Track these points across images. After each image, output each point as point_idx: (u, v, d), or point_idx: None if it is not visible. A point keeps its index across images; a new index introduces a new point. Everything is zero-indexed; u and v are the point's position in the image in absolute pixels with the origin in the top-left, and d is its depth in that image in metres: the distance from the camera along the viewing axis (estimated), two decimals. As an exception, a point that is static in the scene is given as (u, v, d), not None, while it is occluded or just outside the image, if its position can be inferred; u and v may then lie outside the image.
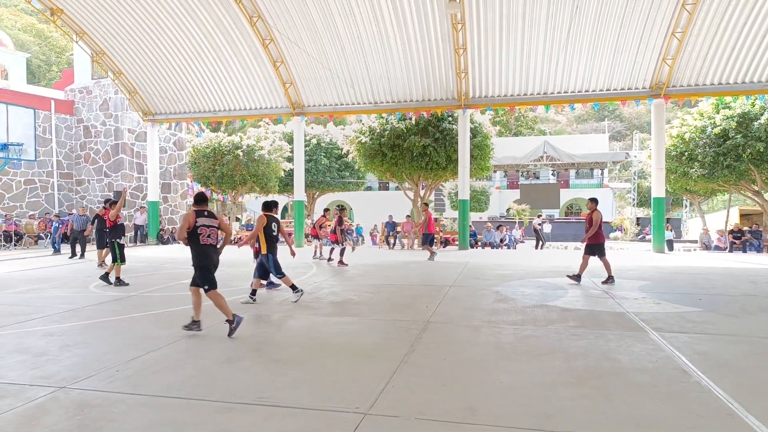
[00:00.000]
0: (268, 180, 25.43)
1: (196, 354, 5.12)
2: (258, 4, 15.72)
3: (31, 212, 20.60)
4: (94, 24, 17.52)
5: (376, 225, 25.64)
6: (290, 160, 24.99)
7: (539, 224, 22.91)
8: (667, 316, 6.68)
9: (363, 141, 20.74)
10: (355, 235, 23.84)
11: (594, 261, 9.63)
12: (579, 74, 16.54)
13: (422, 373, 4.50)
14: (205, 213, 5.94)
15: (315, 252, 14.27)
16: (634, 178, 40.61)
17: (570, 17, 14.80)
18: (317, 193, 32.53)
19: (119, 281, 9.43)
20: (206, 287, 5.82)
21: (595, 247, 9.47)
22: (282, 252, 7.92)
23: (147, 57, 18.55)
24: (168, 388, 4.15)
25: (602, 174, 43.63)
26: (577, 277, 9.60)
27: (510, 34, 15.57)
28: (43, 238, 19.48)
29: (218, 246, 6.03)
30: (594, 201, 9.79)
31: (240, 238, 11.72)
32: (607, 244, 10.66)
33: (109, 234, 9.96)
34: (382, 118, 20.33)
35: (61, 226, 17.08)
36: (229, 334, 5.70)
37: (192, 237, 5.81)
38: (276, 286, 8.95)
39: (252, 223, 24.03)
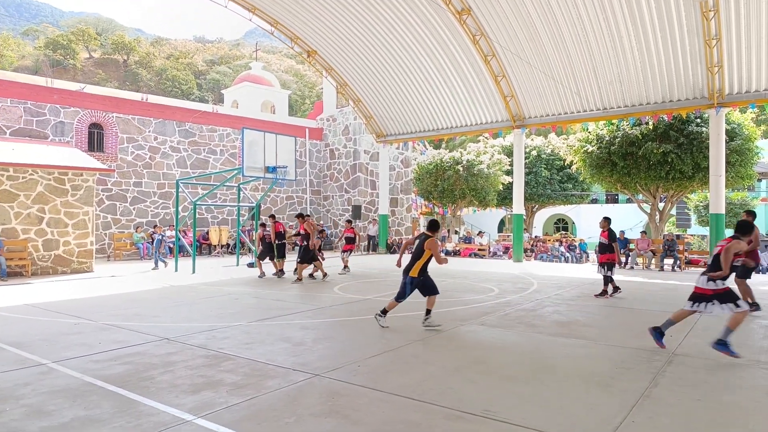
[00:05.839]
0: (486, 194, 25.61)
1: (425, 360, 5.41)
2: (481, 22, 16.07)
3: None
4: (340, 61, 20.23)
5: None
6: (509, 173, 24.72)
7: None
8: None
9: (589, 150, 19.36)
10: (578, 251, 22.28)
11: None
12: None
13: (669, 412, 3.96)
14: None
15: None
16: None
17: None
18: (536, 206, 31.42)
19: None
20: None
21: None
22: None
23: (380, 83, 20.57)
24: (402, 388, 4.48)
25: None
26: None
27: (783, 14, 12.82)
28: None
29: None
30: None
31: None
32: None
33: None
34: (612, 124, 18.68)
35: (162, 240, 15.90)
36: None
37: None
38: None
39: (471, 236, 24.46)
